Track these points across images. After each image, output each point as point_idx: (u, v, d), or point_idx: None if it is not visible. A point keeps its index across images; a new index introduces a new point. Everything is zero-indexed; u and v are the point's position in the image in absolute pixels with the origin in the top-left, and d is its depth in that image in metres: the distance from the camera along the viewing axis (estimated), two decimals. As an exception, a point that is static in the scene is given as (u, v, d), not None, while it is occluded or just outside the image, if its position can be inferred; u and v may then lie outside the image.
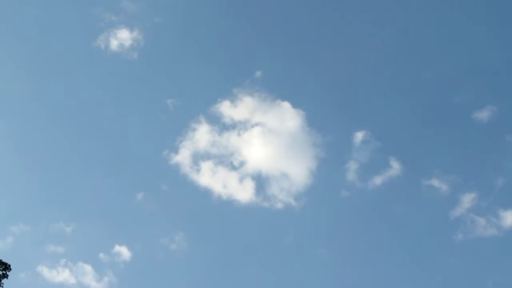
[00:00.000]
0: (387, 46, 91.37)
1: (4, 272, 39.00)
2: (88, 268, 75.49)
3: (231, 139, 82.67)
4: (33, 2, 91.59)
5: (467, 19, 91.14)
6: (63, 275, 74.52)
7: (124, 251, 76.73)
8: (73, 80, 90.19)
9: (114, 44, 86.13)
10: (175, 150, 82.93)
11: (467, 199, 77.56)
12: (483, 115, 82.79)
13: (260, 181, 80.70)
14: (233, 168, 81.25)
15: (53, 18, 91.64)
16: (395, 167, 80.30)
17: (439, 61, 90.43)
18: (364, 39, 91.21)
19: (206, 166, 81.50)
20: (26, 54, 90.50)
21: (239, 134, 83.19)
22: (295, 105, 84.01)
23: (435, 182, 79.49)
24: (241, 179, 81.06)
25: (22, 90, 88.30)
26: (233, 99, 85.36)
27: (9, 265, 39.45)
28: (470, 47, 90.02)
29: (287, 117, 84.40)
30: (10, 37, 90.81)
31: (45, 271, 73.72)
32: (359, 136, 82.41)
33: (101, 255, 77.18)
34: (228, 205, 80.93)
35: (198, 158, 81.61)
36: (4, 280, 38.92)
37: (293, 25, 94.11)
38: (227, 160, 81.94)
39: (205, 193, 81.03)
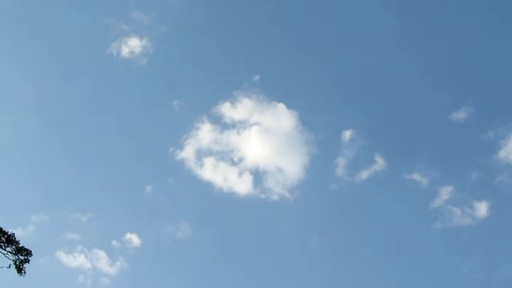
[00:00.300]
0: (373, 53, 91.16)
1: (25, 257, 39.12)
2: (102, 254, 75.93)
3: (231, 137, 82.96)
4: (52, 13, 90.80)
5: (447, 28, 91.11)
6: (79, 260, 74.91)
7: (134, 239, 77.06)
8: (89, 83, 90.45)
9: (125, 51, 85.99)
10: (180, 147, 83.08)
11: (445, 192, 77.87)
12: (460, 116, 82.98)
13: (258, 175, 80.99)
14: (233, 163, 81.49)
15: (71, 27, 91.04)
16: (380, 162, 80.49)
17: (420, 67, 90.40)
18: (352, 47, 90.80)
19: (208, 161, 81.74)
20: (47, 59, 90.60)
21: (238, 133, 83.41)
22: (289, 106, 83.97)
23: (416, 176, 79.76)
24: (240, 174, 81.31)
25: (44, 92, 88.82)
26: (233, 100, 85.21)
27: (30, 251, 39.35)
28: (449, 55, 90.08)
29: (282, 117, 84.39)
30: (33, 44, 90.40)
31: (62, 257, 74.17)
32: (347, 134, 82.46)
33: (114, 242, 77.73)
34: (228, 197, 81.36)
35: (201, 154, 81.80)
36: (25, 265, 39.03)
37: (288, 33, 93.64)
38: (227, 156, 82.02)
39: (208, 186, 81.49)
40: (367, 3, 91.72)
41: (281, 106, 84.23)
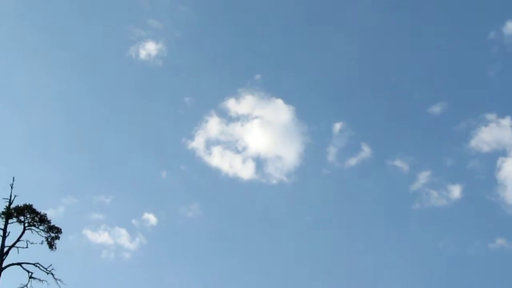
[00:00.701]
0: (360, 55, 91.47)
1: (56, 235, 39.36)
2: (123, 231, 76.14)
3: (236, 129, 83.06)
4: (80, 21, 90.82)
5: (424, 32, 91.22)
6: (103, 237, 75.42)
7: (151, 218, 77.12)
8: (111, 81, 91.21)
9: (143, 53, 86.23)
10: (192, 138, 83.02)
11: (423, 176, 77.83)
12: (436, 109, 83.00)
13: (259, 162, 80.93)
14: (238, 152, 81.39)
15: (96, 33, 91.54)
16: (366, 150, 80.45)
17: (401, 67, 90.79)
18: (340, 49, 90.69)
19: (216, 150, 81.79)
20: (75, 61, 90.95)
21: (242, 125, 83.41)
22: (286, 101, 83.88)
23: (397, 163, 79.75)
24: (243, 161, 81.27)
25: (73, 88, 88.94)
26: (237, 97, 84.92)
27: (60, 229, 39.70)
28: (426, 55, 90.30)
29: (280, 111, 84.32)
30: (63, 48, 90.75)
31: (89, 234, 74.74)
32: (337, 126, 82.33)
33: (133, 221, 78.02)
34: (233, 181, 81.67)
35: (209, 144, 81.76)
36: (56, 241, 39.35)
37: (284, 38, 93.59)
38: (232, 146, 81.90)
39: (215, 172, 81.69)
40: (356, 7, 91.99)
41: (279, 101, 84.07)
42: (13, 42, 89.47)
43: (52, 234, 39.22)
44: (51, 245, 39.10)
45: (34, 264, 38.02)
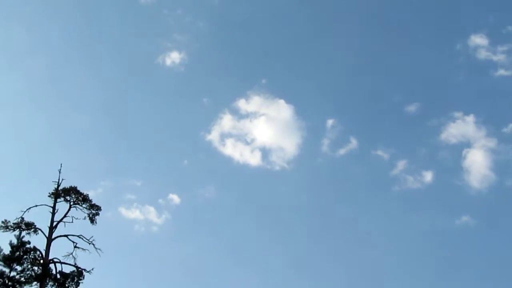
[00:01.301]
0: (349, 63, 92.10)
1: (96, 211, 39.58)
2: (151, 209, 76.82)
3: (246, 124, 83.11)
4: (119, 35, 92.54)
5: (402, 40, 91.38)
6: (135, 214, 76.12)
7: (175, 198, 77.78)
8: (143, 84, 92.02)
9: (168, 61, 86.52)
10: (209, 132, 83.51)
11: (401, 164, 78.13)
12: (412, 108, 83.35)
13: (265, 152, 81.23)
14: (247, 143, 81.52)
15: (131, 45, 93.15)
16: (353, 142, 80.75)
17: (383, 72, 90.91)
18: (333, 58, 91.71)
19: (229, 142, 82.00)
20: (114, 67, 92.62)
21: (251, 121, 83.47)
22: (288, 101, 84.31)
23: (379, 152, 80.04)
24: (252, 151, 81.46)
25: (114, 90, 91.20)
26: (247, 97, 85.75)
27: (100, 207, 39.96)
28: (404, 63, 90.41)
29: (282, 110, 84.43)
30: (103, 57, 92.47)
31: (123, 211, 75.43)
32: (329, 122, 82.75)
33: (160, 200, 79.00)
34: (243, 168, 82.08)
35: (224, 136, 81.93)
36: (96, 217, 39.59)
37: (286, 49, 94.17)
38: (243, 138, 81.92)
39: (228, 160, 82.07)
40: (345, 23, 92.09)
41: (282, 101, 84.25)
42: (66, 52, 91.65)
43: (93, 211, 39.45)
44: (92, 220, 39.34)
45: (78, 236, 38.28)
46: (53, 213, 38.25)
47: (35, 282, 36.85)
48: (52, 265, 37.56)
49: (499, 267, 70.65)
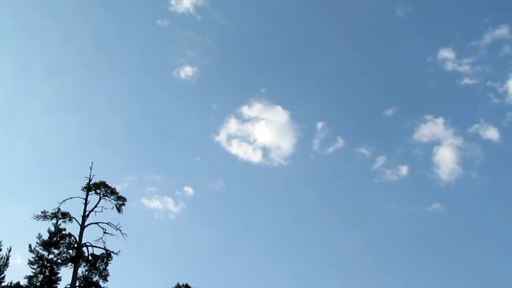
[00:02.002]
0: (336, 75, 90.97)
1: (122, 202, 39.67)
2: (169, 199, 76.12)
3: (248, 127, 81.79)
4: (141, 52, 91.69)
5: (380, 58, 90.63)
6: (155, 204, 75.61)
7: (189, 190, 77.18)
8: (161, 94, 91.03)
9: (182, 74, 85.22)
10: (217, 133, 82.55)
11: (380, 160, 77.49)
12: (389, 112, 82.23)
13: (265, 151, 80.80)
14: (250, 143, 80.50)
15: (151, 61, 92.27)
16: (340, 142, 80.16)
17: (365, 82, 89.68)
18: (323, 71, 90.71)
19: (234, 142, 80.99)
20: (138, 80, 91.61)
21: (253, 124, 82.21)
22: (284, 108, 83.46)
23: (362, 150, 79.52)
24: (254, 149, 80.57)
25: (137, 99, 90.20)
26: (249, 104, 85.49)
27: (125, 198, 40.15)
28: (383, 74, 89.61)
29: (279, 115, 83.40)
30: (128, 72, 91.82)
31: (145, 202, 74.86)
32: (320, 124, 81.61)
33: (177, 192, 78.41)
34: (247, 164, 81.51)
35: (230, 138, 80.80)
36: (122, 207, 39.61)
37: (282, 64, 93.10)
38: (246, 139, 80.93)
39: (234, 157, 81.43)
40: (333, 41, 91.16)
41: (279, 107, 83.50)
42: (99, 66, 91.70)
43: (120, 202, 39.51)
44: (119, 210, 39.41)
45: (107, 223, 38.44)
46: (85, 204, 38.57)
47: (70, 263, 37.41)
48: (84, 249, 37.95)
49: (465, 245, 72.13)
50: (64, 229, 38.33)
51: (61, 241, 37.93)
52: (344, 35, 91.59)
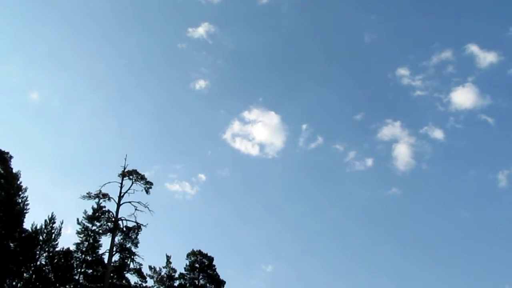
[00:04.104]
0: (315, 85, 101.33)
1: (149, 186, 42.39)
2: (187, 184, 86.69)
3: (248, 128, 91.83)
4: (161, 68, 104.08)
5: (353, 76, 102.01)
6: (175, 187, 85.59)
7: (203, 176, 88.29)
8: (181, 102, 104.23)
9: (197, 86, 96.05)
10: (224, 132, 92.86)
11: (351, 154, 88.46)
12: (358, 117, 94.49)
13: (261, 146, 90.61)
14: (249, 140, 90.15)
15: (171, 75, 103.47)
16: (320, 140, 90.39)
17: (341, 94, 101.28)
18: (307, 81, 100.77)
19: (238, 139, 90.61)
20: (161, 92, 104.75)
21: (252, 126, 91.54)
22: (276, 113, 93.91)
23: (337, 146, 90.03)
24: (253, 145, 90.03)
25: (161, 105, 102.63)
26: (249, 110, 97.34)
27: (152, 183, 42.85)
28: (355, 87, 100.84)
29: (273, 118, 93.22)
30: (154, 84, 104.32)
31: (168, 186, 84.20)
32: (304, 126, 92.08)
33: (193, 178, 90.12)
34: (247, 157, 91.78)
35: (234, 136, 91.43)
36: (150, 190, 42.44)
37: (275, 79, 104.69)
38: (246, 137, 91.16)
39: (237, 152, 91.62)
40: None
41: (272, 113, 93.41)
42: (131, 81, 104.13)
43: (148, 186, 42.64)
44: (147, 192, 42.71)
45: (137, 202, 41.86)
46: (121, 187, 42.31)
47: (109, 233, 41.92)
48: (120, 222, 42.01)
49: (416, 222, 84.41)
50: (104, 207, 42.81)
51: (102, 216, 42.20)
52: (323, 56, 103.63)
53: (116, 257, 41.95)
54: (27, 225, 41.06)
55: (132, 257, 41.56)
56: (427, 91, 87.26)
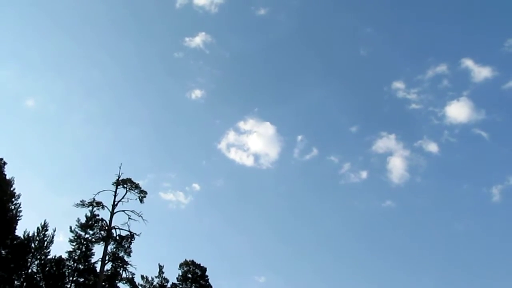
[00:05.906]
0: (312, 97, 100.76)
1: (144, 195, 41.81)
2: (181, 193, 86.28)
3: (244, 138, 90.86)
4: (161, 80, 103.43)
5: (345, 88, 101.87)
6: (169, 196, 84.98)
7: (196, 186, 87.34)
8: (176, 111, 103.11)
9: (193, 96, 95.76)
10: (219, 142, 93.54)
11: (346, 166, 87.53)
12: (354, 129, 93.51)
13: (256, 157, 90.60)
14: (244, 151, 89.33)
15: (168, 84, 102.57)
16: (315, 151, 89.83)
17: (335, 107, 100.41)
18: (302, 93, 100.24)
19: (233, 150, 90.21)
20: (160, 102, 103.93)
21: (247, 136, 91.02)
22: (272, 123, 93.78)
23: (332, 158, 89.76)
24: (248, 156, 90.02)
25: (159, 115, 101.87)
26: (244, 120, 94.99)
27: (146, 192, 42.18)
28: (349, 101, 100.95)
29: (268, 129, 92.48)
30: (154, 94, 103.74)
31: (162, 195, 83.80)
32: (299, 137, 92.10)
33: (186, 188, 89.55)
34: (242, 167, 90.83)
35: (229, 146, 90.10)
36: (144, 198, 41.78)
37: (271, 89, 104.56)
38: (241, 147, 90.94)
39: (232, 162, 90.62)
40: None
41: (268, 123, 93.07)
42: (127, 89, 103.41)
43: (142, 195, 42.21)
44: (141, 201, 42.31)
45: (131, 211, 41.56)
46: (115, 196, 41.77)
47: (101, 242, 41.52)
48: (113, 230, 41.64)
49: (408, 232, 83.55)
50: (98, 215, 42.30)
51: (95, 224, 41.80)
52: (320, 67, 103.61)
53: (108, 266, 41.82)
54: (19, 232, 41.05)
55: (125, 266, 41.41)
56: (422, 105, 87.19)
